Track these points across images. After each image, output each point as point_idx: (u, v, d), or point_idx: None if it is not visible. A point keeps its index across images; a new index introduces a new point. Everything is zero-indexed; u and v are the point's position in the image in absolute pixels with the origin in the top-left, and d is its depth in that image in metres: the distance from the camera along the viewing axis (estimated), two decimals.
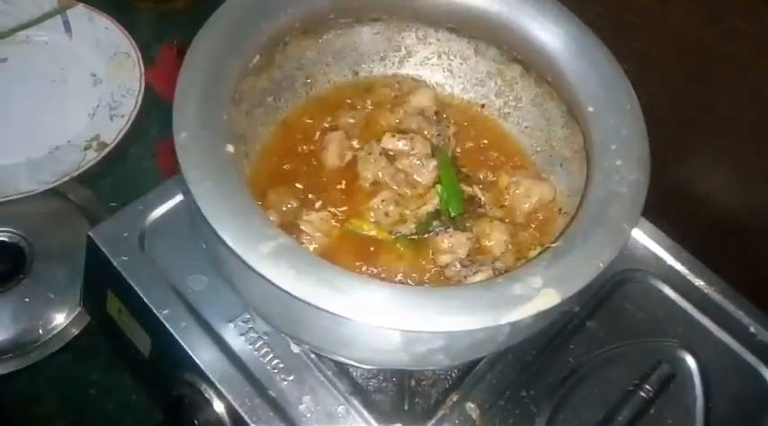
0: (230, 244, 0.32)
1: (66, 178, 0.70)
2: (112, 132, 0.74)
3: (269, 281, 0.31)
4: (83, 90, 0.79)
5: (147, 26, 0.85)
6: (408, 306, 0.32)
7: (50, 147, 0.74)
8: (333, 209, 0.47)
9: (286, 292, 0.31)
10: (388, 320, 0.31)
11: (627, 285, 0.56)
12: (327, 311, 0.31)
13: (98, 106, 0.77)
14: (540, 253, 0.36)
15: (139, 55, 0.80)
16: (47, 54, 0.82)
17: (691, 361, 0.52)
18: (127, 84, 0.78)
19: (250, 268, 0.32)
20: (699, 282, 0.55)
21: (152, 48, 0.82)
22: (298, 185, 0.48)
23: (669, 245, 0.57)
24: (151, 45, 0.82)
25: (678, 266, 0.56)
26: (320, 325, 0.35)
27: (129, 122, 0.75)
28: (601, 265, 0.34)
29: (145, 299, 0.50)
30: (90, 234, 0.53)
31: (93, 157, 0.72)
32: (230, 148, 0.36)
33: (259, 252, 0.32)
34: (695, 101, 0.55)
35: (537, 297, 0.33)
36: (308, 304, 0.31)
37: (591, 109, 0.43)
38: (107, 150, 0.73)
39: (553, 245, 0.36)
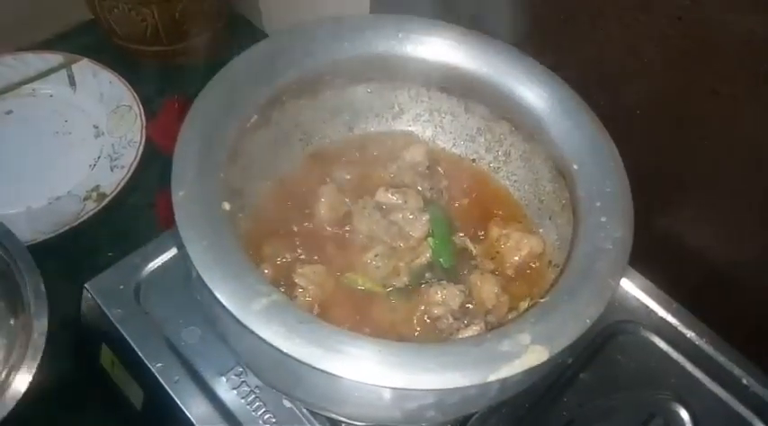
0: (223, 301, 0.32)
1: (66, 228, 0.70)
2: (112, 183, 0.75)
3: (260, 339, 0.32)
4: (85, 141, 0.80)
5: (150, 80, 0.87)
6: (398, 363, 0.32)
7: (51, 198, 0.75)
8: (327, 263, 0.48)
9: (277, 349, 0.32)
10: (378, 378, 0.32)
11: (619, 336, 0.56)
12: (318, 369, 0.32)
13: (99, 157, 0.79)
14: (527, 309, 0.37)
15: (141, 108, 0.82)
16: (51, 106, 0.84)
17: (684, 414, 0.51)
18: (128, 136, 0.80)
19: (242, 325, 0.32)
20: (690, 334, 0.55)
21: (154, 102, 0.84)
22: (293, 239, 0.49)
23: (660, 297, 0.57)
24: (153, 99, 0.84)
25: (669, 317, 0.56)
26: (312, 383, 0.35)
27: (130, 173, 0.76)
28: (588, 321, 0.35)
29: (138, 352, 0.50)
30: (86, 286, 0.53)
31: (92, 208, 0.73)
32: (226, 206, 0.37)
33: (251, 310, 0.33)
34: (679, 156, 0.56)
35: (525, 354, 0.33)
36: (299, 361, 0.32)
37: (575, 166, 0.44)
38: (106, 201, 0.73)
39: (541, 301, 0.37)
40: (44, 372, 0.52)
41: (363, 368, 0.32)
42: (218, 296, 0.33)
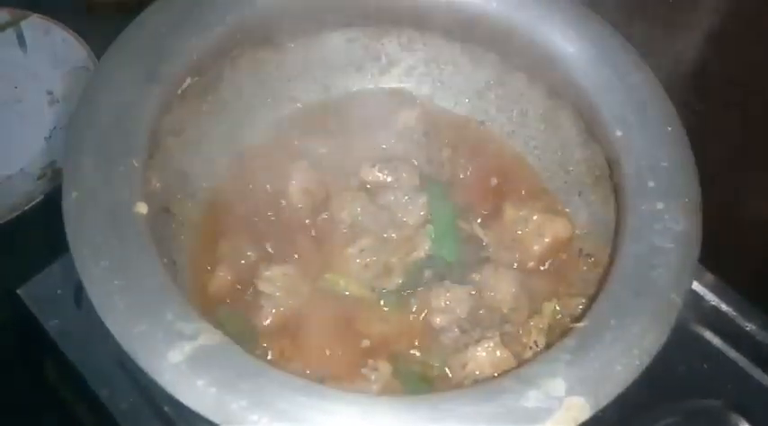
0: (128, 350, 0.24)
1: (17, 213, 0.64)
2: None
3: (181, 403, 0.23)
4: (38, 110, 0.74)
5: (110, 37, 0.78)
6: None
7: (1, 177, 0.68)
8: (301, 262, 0.42)
9: (205, 419, 0.23)
10: None
11: None
12: None
13: (55, 128, 0.72)
14: (561, 340, 0.28)
15: None
16: None
17: None
18: None
19: (156, 384, 0.23)
20: (750, 327, 0.49)
21: None
22: (257, 232, 0.43)
23: (712, 283, 0.50)
24: None
25: (723, 307, 0.49)
26: None
27: None
28: (646, 357, 0.26)
29: (83, 374, 0.43)
30: (18, 292, 0.47)
31: (48, 187, 0.66)
32: (142, 208, 0.29)
33: (169, 362, 0.24)
34: (738, 108, 0.48)
35: (559, 411, 0.24)
36: None
37: (619, 133, 0.36)
38: None
39: (578, 326, 0.29)
40: None
41: None
42: (121, 342, 0.23)
